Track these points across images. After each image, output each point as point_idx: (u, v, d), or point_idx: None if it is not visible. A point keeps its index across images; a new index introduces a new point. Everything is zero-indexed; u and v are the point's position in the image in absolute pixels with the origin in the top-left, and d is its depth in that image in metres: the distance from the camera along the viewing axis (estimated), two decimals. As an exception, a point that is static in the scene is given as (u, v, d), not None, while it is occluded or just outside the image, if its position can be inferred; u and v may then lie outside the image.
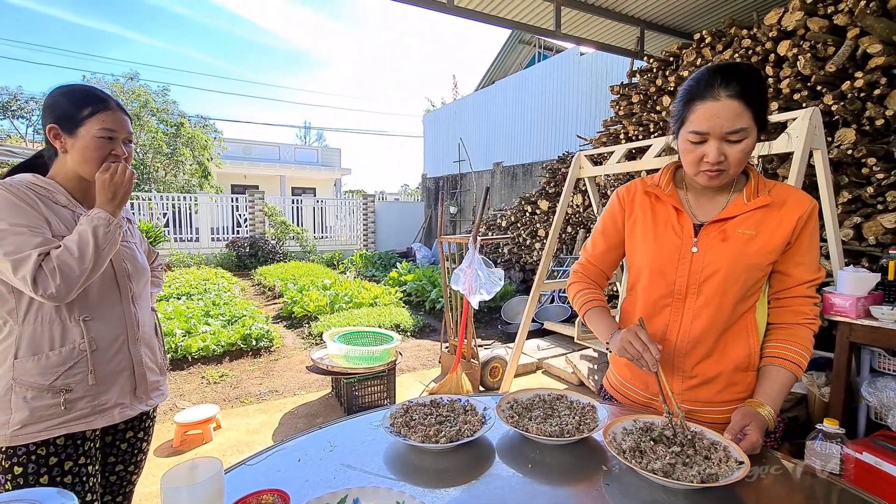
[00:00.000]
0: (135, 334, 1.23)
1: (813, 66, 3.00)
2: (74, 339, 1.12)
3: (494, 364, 3.65)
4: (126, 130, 1.19)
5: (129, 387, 1.22)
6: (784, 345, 1.02)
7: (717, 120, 0.92)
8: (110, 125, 1.15)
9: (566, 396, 1.14)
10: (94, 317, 1.15)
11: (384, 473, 0.88)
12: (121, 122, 1.17)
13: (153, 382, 1.29)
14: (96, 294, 1.15)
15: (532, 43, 12.01)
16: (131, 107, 13.78)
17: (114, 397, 1.18)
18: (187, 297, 6.08)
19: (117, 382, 1.19)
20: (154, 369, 1.30)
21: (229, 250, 10.34)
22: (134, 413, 1.23)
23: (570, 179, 3.26)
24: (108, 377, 1.17)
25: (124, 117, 1.19)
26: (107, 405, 1.17)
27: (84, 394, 1.12)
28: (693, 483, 0.78)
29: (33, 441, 1.07)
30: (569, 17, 4.20)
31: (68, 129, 1.13)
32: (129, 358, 1.22)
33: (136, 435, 1.30)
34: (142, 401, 1.25)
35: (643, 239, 1.11)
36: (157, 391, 1.31)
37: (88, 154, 1.14)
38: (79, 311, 1.12)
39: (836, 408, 2.16)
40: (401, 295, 6.80)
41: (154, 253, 1.53)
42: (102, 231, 1.08)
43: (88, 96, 1.15)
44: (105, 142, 1.14)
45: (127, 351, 1.21)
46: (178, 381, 3.77)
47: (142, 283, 1.29)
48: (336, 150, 22.62)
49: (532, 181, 8.69)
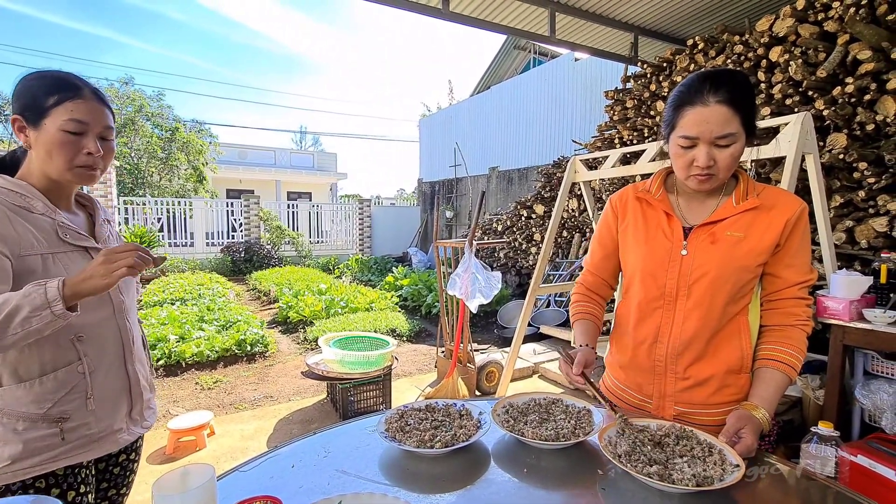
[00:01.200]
0: (131, 351, 1.12)
1: (804, 72, 3.04)
2: (70, 360, 0.98)
3: (491, 368, 3.64)
4: (102, 123, 1.01)
5: (126, 409, 1.10)
6: (777, 347, 1.02)
7: (706, 125, 0.93)
8: (80, 116, 0.97)
9: (562, 400, 1.14)
10: (88, 334, 1.02)
11: (379, 479, 0.87)
12: (95, 111, 1.00)
13: (146, 401, 1.18)
14: (90, 309, 1.02)
15: (527, 49, 12.11)
16: (126, 111, 13.75)
17: (113, 423, 1.06)
18: (181, 303, 6.03)
19: (116, 406, 1.07)
20: (147, 386, 1.19)
21: (224, 255, 10.29)
22: (132, 438, 1.12)
23: (566, 184, 3.28)
24: (106, 401, 1.05)
25: (100, 107, 1.02)
26: (106, 431, 1.05)
27: (82, 421, 1.00)
28: (689, 486, 0.78)
29: (30, 476, 0.95)
30: (563, 22, 4.24)
31: (33, 120, 0.96)
32: (126, 378, 1.10)
33: (129, 457, 1.20)
34: (137, 423, 1.14)
35: (635, 243, 1.13)
36: (149, 410, 1.20)
37: (53, 150, 0.96)
38: (72, 329, 0.98)
39: (830, 411, 2.16)
40: (397, 300, 6.78)
41: None
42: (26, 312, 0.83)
43: (59, 81, 0.98)
44: (71, 137, 0.96)
45: (124, 370, 1.10)
46: (171, 388, 3.73)
47: (131, 293, 1.17)
48: (332, 155, 22.62)
49: (528, 186, 8.71)
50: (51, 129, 0.96)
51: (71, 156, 0.98)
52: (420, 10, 3.50)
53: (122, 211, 10.12)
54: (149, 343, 4.14)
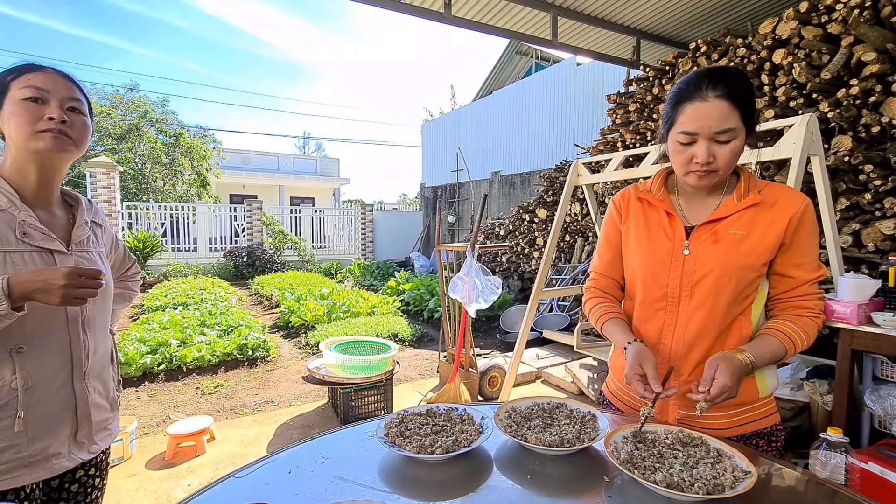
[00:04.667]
0: (81, 367, 1.01)
1: (808, 74, 3.02)
2: (3, 374, 0.90)
3: (493, 373, 3.61)
4: (64, 92, 0.98)
5: (69, 431, 0.99)
6: (780, 321, 1.01)
7: (705, 120, 0.92)
8: (37, 83, 0.95)
9: (566, 405, 1.11)
10: (29, 347, 0.92)
11: (378, 486, 0.85)
12: (55, 81, 0.97)
13: (99, 422, 1.07)
14: (34, 318, 0.92)
15: (529, 54, 12.14)
16: (130, 117, 13.85)
17: (49, 446, 0.95)
18: (183, 307, 6.02)
19: (55, 427, 0.96)
20: (103, 406, 1.08)
21: (227, 260, 10.30)
22: (72, 464, 1.00)
23: (568, 187, 3.26)
24: (44, 421, 0.94)
25: (62, 79, 0.99)
26: (39, 456, 0.94)
27: (11, 443, 0.90)
28: (699, 495, 0.76)
29: None
30: (565, 26, 4.24)
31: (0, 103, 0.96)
32: (72, 396, 0.99)
33: (88, 473, 1.09)
34: (83, 447, 1.03)
35: (636, 244, 1.10)
36: (103, 431, 1.09)
37: (13, 120, 0.94)
38: (11, 339, 0.90)
39: (839, 416, 2.12)
40: (399, 304, 6.76)
41: (130, 259, 1.33)
42: None
43: (22, 64, 0.98)
44: (31, 104, 0.94)
45: (70, 387, 0.99)
46: (172, 393, 3.71)
47: (98, 303, 1.06)
48: (335, 160, 22.71)
49: (530, 190, 8.70)
50: (11, 102, 0.95)
51: (31, 120, 0.94)
52: (422, 14, 3.51)
53: (126, 216, 10.16)
54: (148, 348, 4.15)
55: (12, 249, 0.93)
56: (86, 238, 1.09)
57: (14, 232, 0.94)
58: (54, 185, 1.05)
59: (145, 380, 3.88)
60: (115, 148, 13.47)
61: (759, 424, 1.05)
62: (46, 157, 0.99)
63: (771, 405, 1.07)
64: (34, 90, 0.94)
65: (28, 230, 0.96)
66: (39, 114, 0.95)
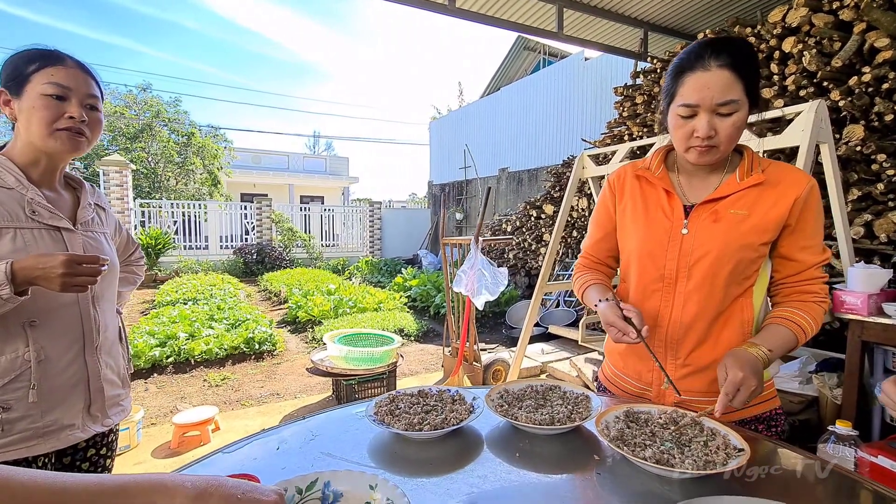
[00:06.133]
0: (93, 342, 1.05)
1: (819, 62, 2.95)
2: (17, 346, 0.93)
3: (497, 367, 3.60)
4: (84, 91, 1.00)
5: (82, 404, 1.03)
6: (788, 309, 0.97)
7: (707, 91, 0.89)
8: (60, 80, 0.96)
9: (559, 387, 1.10)
10: (42, 321, 0.96)
11: (365, 462, 0.85)
12: (77, 78, 0.99)
13: (112, 397, 1.11)
14: (45, 294, 0.95)
15: (537, 49, 12.07)
16: (144, 117, 14.06)
17: (62, 417, 0.99)
18: (193, 303, 6.10)
19: (68, 399, 1.00)
20: (115, 382, 1.12)
21: (237, 257, 10.41)
22: (86, 436, 1.04)
23: (573, 180, 3.23)
24: (57, 393, 0.98)
25: (84, 75, 1.01)
26: (53, 427, 0.97)
27: (25, 413, 0.94)
28: (688, 471, 0.74)
29: None
30: (571, 18, 4.19)
31: (16, 90, 0.96)
32: (84, 370, 1.03)
33: (99, 452, 1.12)
34: (97, 420, 1.06)
35: (633, 223, 1.08)
36: (116, 407, 1.13)
37: (33, 114, 0.95)
38: (24, 313, 0.93)
39: (848, 410, 2.08)
40: (405, 300, 6.77)
41: (133, 244, 1.37)
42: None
43: (41, 51, 0.98)
44: (52, 101, 0.95)
45: (82, 361, 1.03)
46: (179, 384, 3.76)
47: (107, 280, 1.09)
48: (344, 159, 22.81)
49: (538, 186, 8.65)
50: (31, 95, 0.95)
51: (51, 119, 0.96)
52: (425, 5, 3.49)
53: (139, 214, 10.31)
54: (157, 341, 4.20)
55: (22, 226, 0.96)
56: (90, 219, 1.12)
57: (24, 210, 0.97)
58: (60, 169, 1.09)
59: (154, 372, 3.94)
60: (128, 147, 13.68)
61: (758, 409, 1.02)
62: (59, 153, 1.02)
63: (770, 389, 1.04)
64: (57, 87, 0.96)
65: (37, 208, 0.99)
66: (60, 111, 0.97)
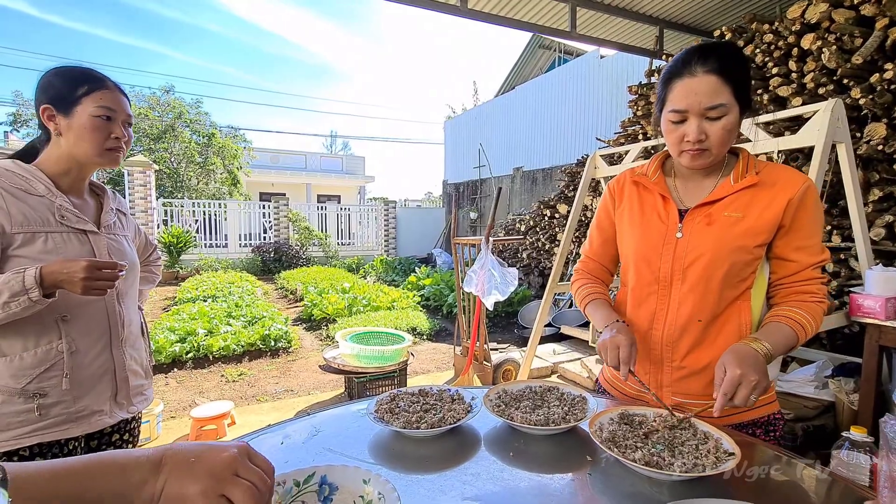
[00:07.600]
0: (119, 335, 1.15)
1: (839, 59, 2.88)
2: (51, 339, 1.04)
3: (507, 367, 3.61)
4: (124, 111, 1.13)
5: (109, 392, 1.13)
6: (787, 307, 0.97)
7: (694, 96, 0.90)
8: (108, 104, 1.09)
9: (558, 388, 1.12)
10: (73, 315, 1.06)
11: (364, 458, 0.88)
12: (119, 101, 1.12)
13: (136, 387, 1.21)
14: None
15: (552, 48, 11.98)
16: (167, 118, 14.43)
17: (92, 403, 1.09)
18: (212, 300, 6.26)
19: (97, 387, 1.11)
20: (139, 372, 1.22)
21: (255, 255, 10.62)
22: (113, 421, 1.15)
23: (585, 180, 3.22)
24: (87, 382, 1.09)
25: (122, 97, 1.13)
26: (84, 412, 1.08)
27: (59, 399, 1.04)
28: (675, 474, 0.75)
29: (2, 451, 0.98)
30: (584, 17, 4.17)
31: (64, 109, 1.07)
32: (110, 361, 1.13)
33: (122, 437, 1.22)
34: (123, 407, 1.17)
35: (630, 227, 1.09)
36: (140, 396, 1.23)
37: (85, 134, 1.07)
38: (57, 309, 1.03)
39: (865, 415, 2.04)
40: (419, 299, 6.82)
41: (151, 246, 1.48)
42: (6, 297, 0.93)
43: (84, 75, 1.10)
44: (102, 121, 1.08)
45: (109, 353, 1.13)
46: (198, 379, 3.87)
47: (129, 279, 1.21)
48: (360, 159, 23.02)
49: (552, 186, 8.60)
50: (83, 116, 1.07)
51: (101, 140, 1.09)
52: (437, 7, 3.52)
53: (162, 213, 10.61)
54: (177, 337, 4.34)
55: (52, 230, 1.07)
56: (112, 223, 1.23)
57: (54, 215, 1.08)
58: (87, 178, 1.20)
59: (174, 367, 4.07)
60: (152, 148, 14.09)
61: (756, 413, 1.02)
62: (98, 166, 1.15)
63: (770, 392, 1.04)
64: (107, 110, 1.09)
65: (65, 213, 1.10)
66: (108, 132, 1.10)
